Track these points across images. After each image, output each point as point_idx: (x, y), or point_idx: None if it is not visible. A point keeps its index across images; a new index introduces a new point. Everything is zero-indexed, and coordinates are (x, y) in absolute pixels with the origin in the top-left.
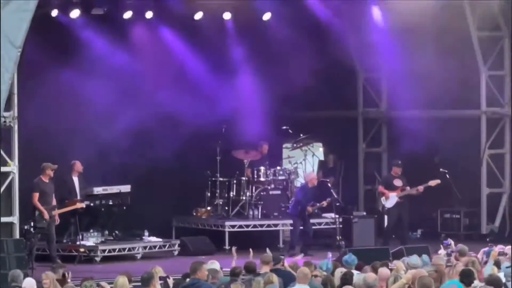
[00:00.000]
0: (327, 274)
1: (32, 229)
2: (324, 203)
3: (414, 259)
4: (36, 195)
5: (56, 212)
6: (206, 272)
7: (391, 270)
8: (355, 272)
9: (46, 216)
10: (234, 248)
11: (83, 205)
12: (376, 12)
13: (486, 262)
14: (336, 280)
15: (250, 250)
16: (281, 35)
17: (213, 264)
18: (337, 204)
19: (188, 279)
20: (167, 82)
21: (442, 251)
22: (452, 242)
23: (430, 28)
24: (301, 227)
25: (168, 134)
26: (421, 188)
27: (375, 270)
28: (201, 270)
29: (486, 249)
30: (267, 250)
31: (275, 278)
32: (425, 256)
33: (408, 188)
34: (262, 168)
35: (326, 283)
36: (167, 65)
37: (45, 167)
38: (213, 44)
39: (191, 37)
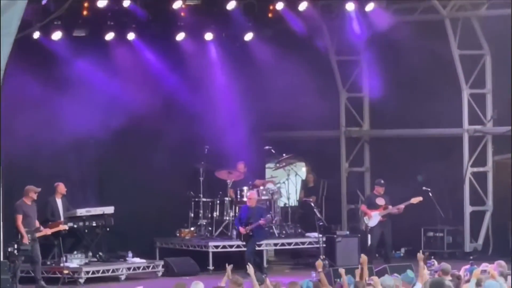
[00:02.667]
0: None
1: (16, 251)
2: (262, 222)
3: (387, 279)
4: (19, 217)
5: (40, 234)
6: None
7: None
8: None
9: (26, 240)
10: (229, 267)
11: (66, 227)
12: (357, 29)
13: (468, 281)
14: None
15: (227, 265)
16: (263, 55)
17: (197, 285)
18: (320, 223)
19: None
20: (149, 103)
21: (425, 271)
22: (435, 262)
23: (410, 45)
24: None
25: (151, 155)
26: (401, 206)
27: None
28: None
29: (467, 266)
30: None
31: None
32: (410, 272)
33: (390, 207)
34: (245, 188)
35: None
36: (149, 86)
37: (28, 190)
38: (195, 65)
39: (173, 58)
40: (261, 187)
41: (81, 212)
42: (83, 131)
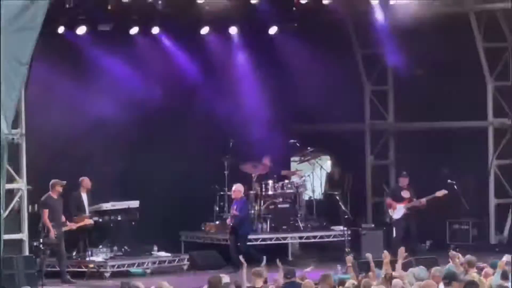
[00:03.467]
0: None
1: (41, 246)
2: (233, 212)
3: (421, 271)
4: (46, 212)
5: (65, 228)
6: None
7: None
8: None
9: (52, 234)
10: (279, 261)
11: (91, 221)
12: (381, 22)
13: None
14: None
15: (243, 261)
16: (287, 48)
17: (224, 278)
18: (346, 216)
19: None
20: (173, 97)
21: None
22: (460, 255)
23: (434, 38)
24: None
25: (176, 148)
26: (423, 201)
27: (387, 282)
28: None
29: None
30: (278, 261)
31: None
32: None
33: (414, 199)
34: (270, 181)
35: None
36: (174, 79)
37: (54, 183)
38: (220, 59)
39: (197, 52)
40: (286, 181)
41: (107, 206)
42: (108, 126)
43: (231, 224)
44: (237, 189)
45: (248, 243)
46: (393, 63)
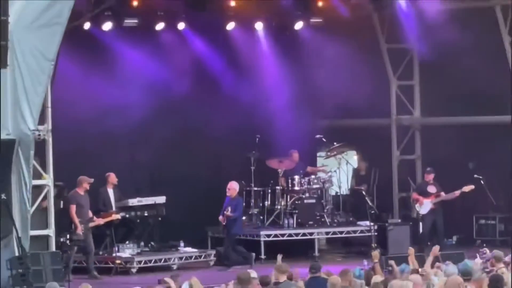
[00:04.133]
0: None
1: (68, 242)
2: (226, 213)
3: (451, 267)
4: (73, 208)
5: (92, 224)
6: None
7: (421, 276)
8: None
9: (79, 230)
10: (280, 256)
11: (118, 217)
12: (407, 17)
13: None
14: None
15: (278, 256)
16: (313, 43)
17: (251, 273)
18: (372, 211)
19: None
20: (199, 92)
21: (478, 260)
22: (487, 250)
23: (460, 32)
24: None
25: (202, 144)
26: (457, 192)
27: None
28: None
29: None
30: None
31: None
32: (468, 261)
33: (442, 194)
34: (296, 177)
35: None
36: (199, 75)
37: (81, 180)
38: (246, 54)
39: (223, 48)
40: (312, 176)
41: (133, 202)
42: (134, 121)
43: (224, 223)
44: (233, 187)
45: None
46: (419, 52)
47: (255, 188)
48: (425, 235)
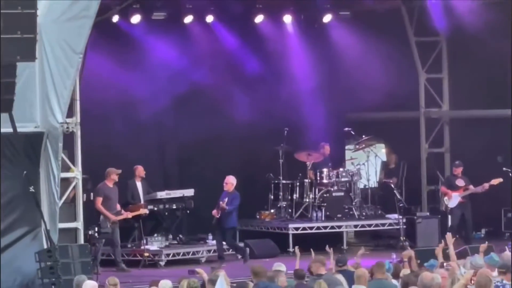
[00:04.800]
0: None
1: (96, 234)
2: (221, 204)
3: (478, 259)
4: (100, 200)
5: (121, 217)
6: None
7: (446, 270)
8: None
9: (114, 218)
10: (297, 248)
11: (146, 211)
12: (436, 10)
13: None
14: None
15: (312, 250)
16: (342, 36)
17: (280, 266)
18: (401, 205)
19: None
20: (228, 86)
21: (508, 253)
22: None
23: (489, 26)
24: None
25: (230, 137)
26: (486, 185)
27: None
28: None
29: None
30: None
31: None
32: (494, 255)
33: (471, 187)
34: (325, 170)
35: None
36: (228, 68)
37: (109, 172)
38: (274, 47)
39: (251, 40)
40: (341, 169)
41: (161, 194)
42: (163, 114)
43: (217, 217)
44: (230, 181)
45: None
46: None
47: (284, 181)
48: (453, 228)
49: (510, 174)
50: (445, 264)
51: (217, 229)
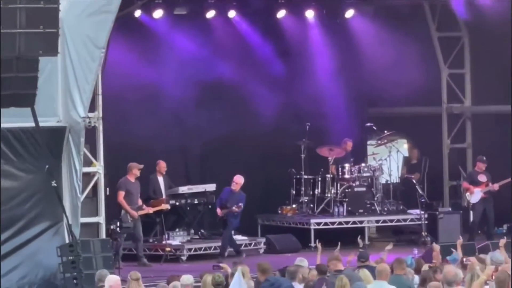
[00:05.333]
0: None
1: (118, 229)
2: (234, 209)
3: (498, 255)
4: (121, 194)
5: (142, 212)
6: None
7: (466, 266)
8: None
9: (134, 214)
10: (318, 242)
11: (168, 206)
12: (458, 5)
13: None
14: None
15: (339, 243)
16: (364, 31)
17: (302, 261)
18: (422, 200)
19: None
20: (250, 80)
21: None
22: None
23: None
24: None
25: (252, 132)
26: (496, 185)
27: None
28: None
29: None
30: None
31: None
32: None
33: (491, 184)
34: (346, 165)
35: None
36: (250, 63)
37: (131, 166)
38: (296, 42)
39: (274, 36)
40: (363, 164)
41: (183, 189)
42: (184, 109)
43: (223, 214)
44: (239, 181)
45: None
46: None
47: (305, 176)
48: (475, 224)
49: None
50: (464, 259)
51: (222, 227)
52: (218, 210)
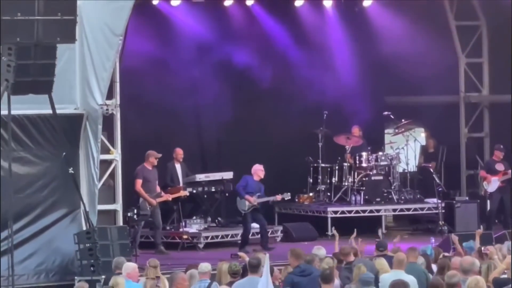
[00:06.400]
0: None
1: (135, 217)
2: (278, 197)
3: None
4: (139, 182)
5: (160, 199)
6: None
7: (485, 255)
8: None
9: (153, 202)
10: (334, 229)
11: (186, 193)
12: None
13: None
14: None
15: (355, 230)
16: (382, 20)
17: (320, 250)
18: (439, 189)
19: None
20: (267, 69)
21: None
22: None
23: None
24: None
25: (269, 120)
26: None
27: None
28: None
29: None
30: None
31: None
32: None
33: (510, 171)
34: (364, 153)
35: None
36: (267, 51)
37: (149, 154)
38: (314, 31)
39: (291, 24)
40: (380, 153)
41: (200, 177)
42: (202, 97)
43: (257, 203)
44: (262, 169)
45: None
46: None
47: (323, 165)
48: (492, 212)
49: None
50: (483, 248)
51: (256, 216)
52: (251, 198)
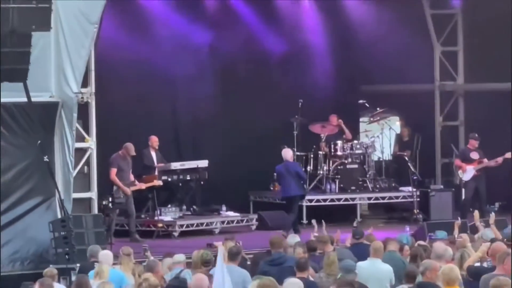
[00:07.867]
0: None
1: (110, 205)
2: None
3: (489, 233)
4: (114, 171)
5: (134, 188)
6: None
7: (455, 242)
8: None
9: (127, 191)
10: (314, 221)
11: (160, 182)
12: None
13: None
14: None
15: (323, 221)
16: (357, 8)
17: (294, 238)
18: (414, 177)
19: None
20: (243, 57)
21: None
22: None
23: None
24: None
25: (245, 108)
26: (500, 159)
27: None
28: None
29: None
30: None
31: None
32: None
33: (485, 160)
34: (339, 142)
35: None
36: (244, 40)
37: (127, 147)
38: (290, 19)
39: (268, 14)
40: (355, 141)
41: (175, 165)
42: (177, 85)
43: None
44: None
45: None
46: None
47: (298, 153)
48: (467, 201)
49: None
50: (456, 236)
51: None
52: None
